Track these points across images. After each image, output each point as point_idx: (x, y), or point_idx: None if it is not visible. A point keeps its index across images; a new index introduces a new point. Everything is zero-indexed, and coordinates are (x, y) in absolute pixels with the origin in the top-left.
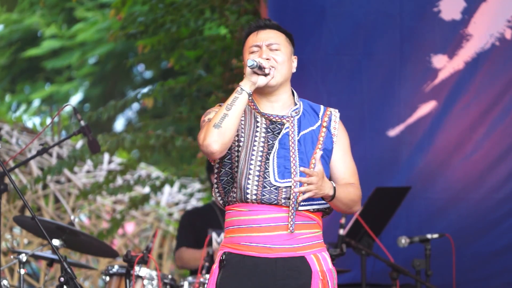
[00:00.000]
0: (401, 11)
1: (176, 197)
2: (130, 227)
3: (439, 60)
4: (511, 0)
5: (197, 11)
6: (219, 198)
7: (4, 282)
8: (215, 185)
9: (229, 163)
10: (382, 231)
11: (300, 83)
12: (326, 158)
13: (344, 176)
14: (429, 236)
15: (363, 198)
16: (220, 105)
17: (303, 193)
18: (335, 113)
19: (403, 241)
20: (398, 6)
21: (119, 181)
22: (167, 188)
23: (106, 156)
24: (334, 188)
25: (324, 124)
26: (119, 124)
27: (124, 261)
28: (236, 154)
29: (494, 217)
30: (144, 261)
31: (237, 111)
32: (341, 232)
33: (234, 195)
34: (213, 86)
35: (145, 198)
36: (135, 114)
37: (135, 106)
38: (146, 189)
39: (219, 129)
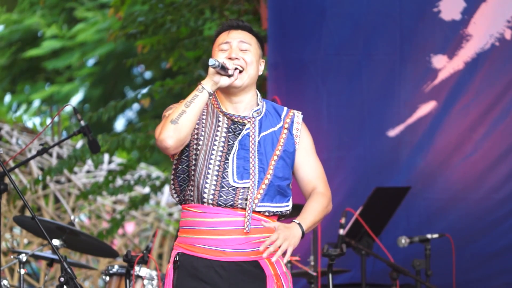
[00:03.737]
0: (401, 11)
1: None
2: (130, 227)
3: (439, 60)
4: (511, 0)
5: (197, 11)
6: (175, 196)
7: (4, 282)
8: (171, 182)
9: (186, 161)
10: (382, 231)
11: (300, 83)
12: (287, 159)
13: (311, 178)
14: (429, 236)
15: (363, 198)
16: (182, 101)
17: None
18: (298, 115)
19: (403, 241)
20: (398, 6)
21: (119, 181)
22: (167, 188)
23: (106, 156)
24: (300, 225)
25: (286, 125)
26: (119, 124)
27: (124, 261)
28: (194, 152)
29: (494, 217)
30: (144, 261)
31: (196, 109)
32: (341, 232)
33: (191, 193)
34: None
35: (145, 198)
36: (135, 114)
37: (135, 106)
38: (146, 189)
39: (175, 125)
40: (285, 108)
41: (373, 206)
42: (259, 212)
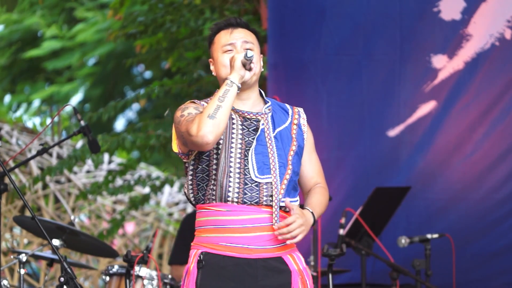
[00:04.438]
0: (401, 11)
1: (176, 197)
2: (130, 227)
3: (439, 60)
4: (511, 0)
5: (197, 11)
6: (191, 196)
7: (4, 282)
8: (189, 182)
9: (207, 160)
10: (382, 231)
11: (300, 83)
12: (300, 154)
13: (313, 174)
14: (429, 236)
15: (363, 198)
16: (193, 101)
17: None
18: (302, 112)
19: (403, 241)
20: (398, 6)
21: (119, 181)
22: (167, 188)
23: (106, 156)
24: (312, 214)
25: (295, 121)
26: (120, 124)
27: (124, 261)
28: (215, 151)
29: (494, 217)
30: (144, 261)
31: (229, 103)
32: (341, 232)
33: (213, 192)
34: (213, 86)
35: (145, 198)
36: (135, 114)
37: (135, 106)
38: (146, 189)
39: (214, 119)
40: (288, 104)
41: (373, 206)
42: (281, 207)
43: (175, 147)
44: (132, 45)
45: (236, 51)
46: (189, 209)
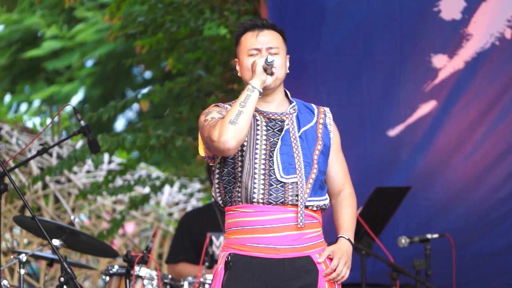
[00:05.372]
0: (401, 11)
1: (176, 197)
2: (130, 227)
3: (439, 60)
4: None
5: (196, 11)
6: (219, 198)
7: (4, 282)
8: (216, 185)
9: (232, 163)
10: (382, 231)
11: (300, 83)
12: (326, 154)
13: (339, 176)
14: (429, 236)
15: (363, 198)
16: (217, 105)
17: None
18: (328, 111)
19: (403, 241)
20: (398, 6)
21: (119, 181)
22: (167, 188)
23: (106, 156)
24: (349, 240)
25: (321, 121)
26: (120, 124)
27: (124, 261)
28: (240, 154)
29: (494, 217)
30: (144, 261)
31: (251, 109)
32: None
33: (239, 194)
34: (213, 86)
35: (145, 198)
36: (135, 114)
37: (135, 106)
38: (146, 189)
39: (235, 125)
40: (313, 104)
41: (373, 206)
42: (307, 207)
43: (202, 151)
44: (132, 45)
45: (260, 55)
46: (189, 209)
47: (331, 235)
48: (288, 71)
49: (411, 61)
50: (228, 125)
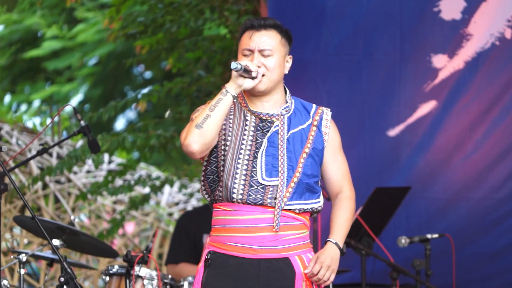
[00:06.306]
0: (401, 11)
1: (176, 197)
2: (130, 227)
3: (439, 60)
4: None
5: (196, 11)
6: (206, 196)
7: (4, 282)
8: (202, 183)
9: (215, 162)
10: (382, 231)
11: (300, 83)
12: (316, 157)
13: (337, 177)
14: (429, 236)
15: (363, 198)
16: (209, 103)
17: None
18: (326, 112)
19: (403, 241)
20: (398, 6)
21: (119, 181)
22: (167, 188)
23: (106, 156)
24: (336, 244)
25: (315, 123)
26: (119, 124)
27: (124, 261)
28: (222, 153)
29: (494, 217)
30: (144, 261)
31: (220, 113)
32: None
33: (220, 193)
34: (213, 86)
35: (145, 198)
36: (135, 114)
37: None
38: (146, 189)
39: (200, 129)
40: (314, 105)
41: (373, 206)
42: (289, 209)
43: None
44: (132, 46)
45: (252, 56)
46: (189, 209)
47: None
48: (286, 72)
49: (411, 61)
50: (194, 128)
